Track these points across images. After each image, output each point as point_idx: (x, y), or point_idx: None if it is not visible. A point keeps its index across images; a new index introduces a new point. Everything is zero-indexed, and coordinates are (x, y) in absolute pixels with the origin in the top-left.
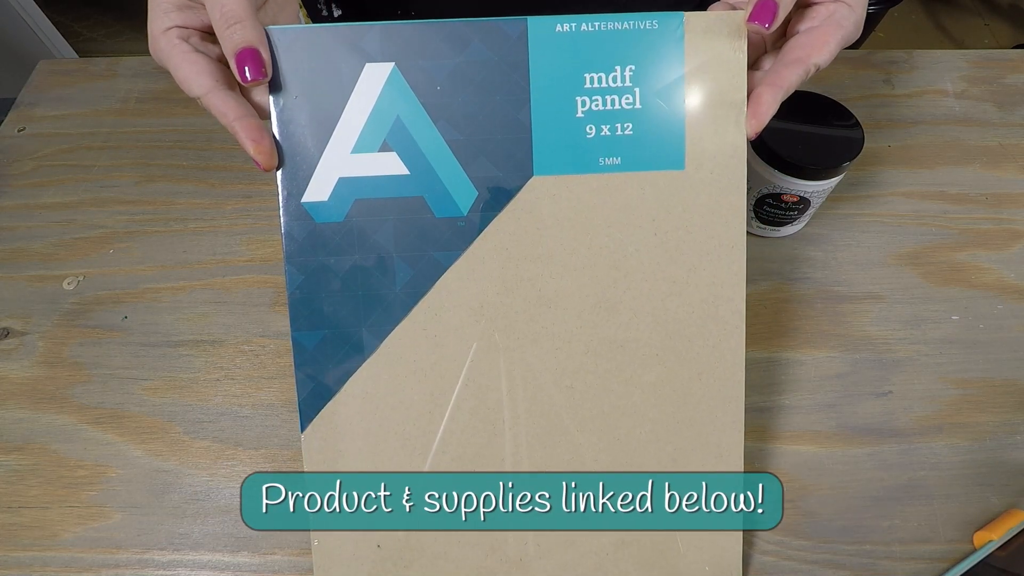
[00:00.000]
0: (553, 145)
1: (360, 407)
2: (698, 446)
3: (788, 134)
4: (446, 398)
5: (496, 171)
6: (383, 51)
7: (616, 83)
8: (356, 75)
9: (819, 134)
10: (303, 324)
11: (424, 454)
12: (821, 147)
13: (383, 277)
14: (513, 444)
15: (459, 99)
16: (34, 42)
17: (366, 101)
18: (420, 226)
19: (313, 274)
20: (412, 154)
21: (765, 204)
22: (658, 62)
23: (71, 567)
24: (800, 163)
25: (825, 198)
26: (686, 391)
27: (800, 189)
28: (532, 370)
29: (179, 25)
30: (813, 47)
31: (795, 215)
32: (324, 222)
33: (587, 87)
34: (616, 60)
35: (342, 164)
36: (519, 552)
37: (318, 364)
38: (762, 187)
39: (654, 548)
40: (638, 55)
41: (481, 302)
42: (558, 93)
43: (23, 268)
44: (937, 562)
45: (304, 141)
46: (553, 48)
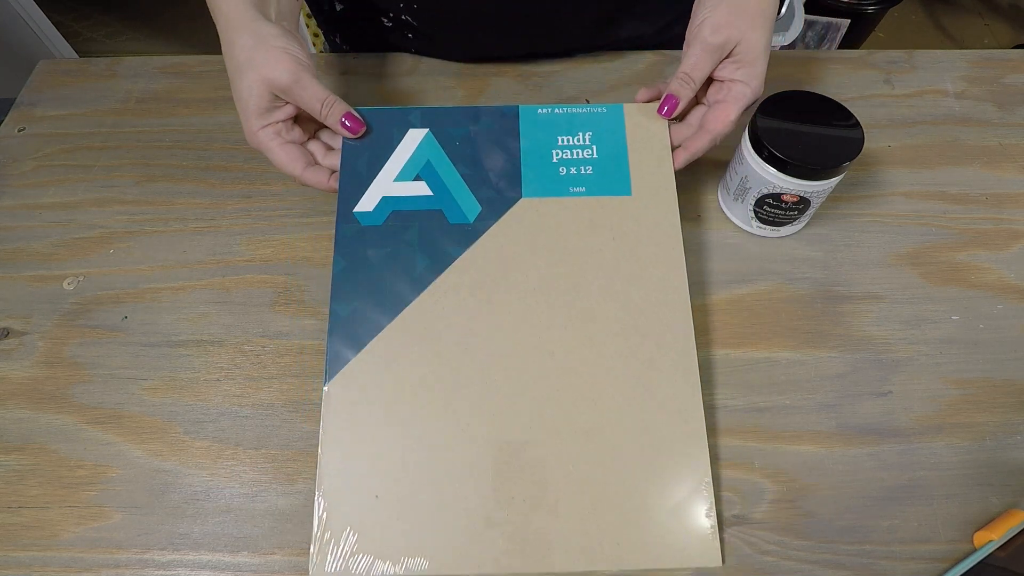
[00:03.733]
0: (536, 179)
1: (377, 364)
2: (654, 378)
3: (788, 134)
4: (449, 355)
5: (495, 194)
6: (422, 121)
7: (580, 142)
8: (402, 135)
9: (819, 134)
10: (341, 297)
11: (429, 400)
12: (821, 147)
13: (407, 263)
14: (500, 387)
15: (471, 150)
16: (34, 42)
17: (407, 150)
18: (437, 229)
19: (354, 260)
20: (436, 182)
21: (765, 204)
22: (609, 131)
23: (71, 567)
24: (800, 163)
25: (825, 198)
26: (644, 354)
27: (800, 189)
28: (520, 335)
29: (270, 124)
30: (717, 121)
31: (795, 215)
32: (367, 225)
33: (560, 144)
34: (579, 129)
35: (386, 187)
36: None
37: (348, 329)
38: (762, 187)
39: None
40: (595, 126)
41: (480, 283)
42: (539, 147)
43: (23, 268)
44: (937, 562)
45: (360, 171)
46: (536, 122)
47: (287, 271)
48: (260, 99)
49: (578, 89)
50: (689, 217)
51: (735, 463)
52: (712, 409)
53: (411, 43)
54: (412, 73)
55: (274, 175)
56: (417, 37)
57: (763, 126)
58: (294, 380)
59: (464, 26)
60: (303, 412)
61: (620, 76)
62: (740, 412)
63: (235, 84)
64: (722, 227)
